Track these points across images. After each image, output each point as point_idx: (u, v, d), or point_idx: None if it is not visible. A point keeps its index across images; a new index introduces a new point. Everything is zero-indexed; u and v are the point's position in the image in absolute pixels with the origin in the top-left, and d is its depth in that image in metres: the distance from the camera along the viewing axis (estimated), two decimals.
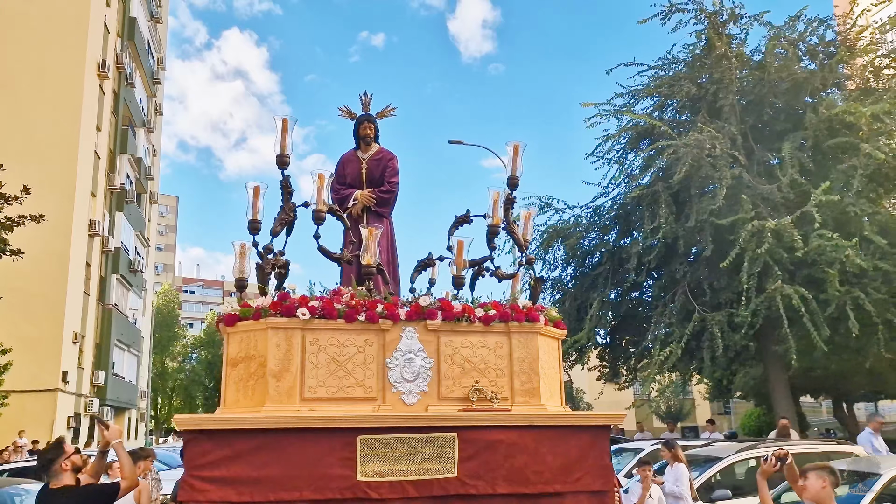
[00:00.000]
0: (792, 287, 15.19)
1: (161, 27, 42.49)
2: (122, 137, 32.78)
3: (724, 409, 39.54)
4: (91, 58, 28.52)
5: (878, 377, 20.25)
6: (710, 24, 18.43)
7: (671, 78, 18.91)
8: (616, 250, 19.00)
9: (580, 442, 5.47)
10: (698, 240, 17.31)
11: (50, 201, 19.34)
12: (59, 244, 25.26)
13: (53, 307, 25.68)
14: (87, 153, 28.08)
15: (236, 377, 5.47)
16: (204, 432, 5.00)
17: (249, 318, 5.43)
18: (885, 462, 9.37)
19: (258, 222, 5.80)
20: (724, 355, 16.61)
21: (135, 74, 34.38)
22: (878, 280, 15.49)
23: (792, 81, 17.42)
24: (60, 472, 5.30)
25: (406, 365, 5.50)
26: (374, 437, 5.13)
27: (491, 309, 5.70)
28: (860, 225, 15.58)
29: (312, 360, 5.37)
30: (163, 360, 57.49)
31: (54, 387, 25.62)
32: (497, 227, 6.22)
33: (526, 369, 5.70)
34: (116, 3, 32.37)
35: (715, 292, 17.30)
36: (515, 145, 6.21)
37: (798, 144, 16.84)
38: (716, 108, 17.72)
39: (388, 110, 7.32)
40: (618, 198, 19.44)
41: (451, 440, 5.22)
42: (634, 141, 19.11)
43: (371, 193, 7.05)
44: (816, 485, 5.11)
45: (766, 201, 16.40)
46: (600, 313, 18.69)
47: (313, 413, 5.19)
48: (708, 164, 16.24)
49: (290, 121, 5.83)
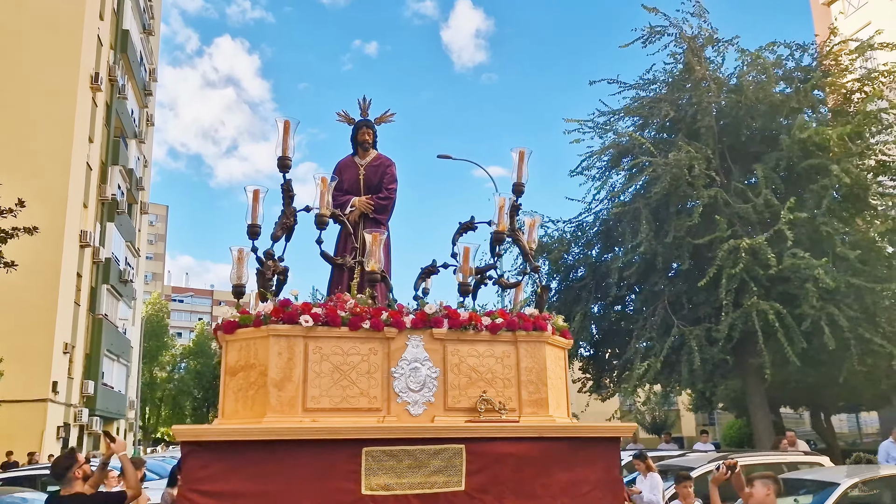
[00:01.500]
0: (767, 303, 15.38)
1: (153, 39, 42.18)
2: (114, 149, 32.40)
3: (710, 421, 39.43)
4: (84, 70, 28.20)
5: (853, 390, 20.34)
6: (688, 47, 18.52)
7: (651, 99, 19.02)
8: (599, 265, 19.07)
9: (589, 455, 5.22)
10: (677, 255, 17.43)
11: (42, 212, 19.01)
12: (51, 255, 24.89)
13: (44, 317, 25.29)
14: (79, 165, 27.74)
15: (235, 386, 5.16)
16: (203, 444, 4.70)
17: (249, 325, 5.14)
18: (843, 472, 9.82)
19: (258, 227, 5.52)
20: (702, 369, 16.67)
21: (127, 86, 34.02)
22: (850, 297, 15.74)
23: (768, 104, 17.56)
24: (73, 479, 5.50)
25: (412, 374, 5.22)
26: (380, 450, 4.85)
27: (498, 317, 5.43)
28: (833, 243, 15.71)
29: (315, 369, 5.07)
30: (151, 370, 56.71)
31: (44, 397, 25.22)
32: (503, 234, 5.95)
33: (534, 379, 5.43)
34: (109, 16, 32.05)
35: (694, 307, 17.49)
36: (521, 151, 5.97)
37: (773, 165, 16.99)
38: (694, 129, 17.86)
39: (386, 115, 7.05)
40: (600, 214, 19.53)
41: (458, 452, 4.95)
42: (616, 159, 19.12)
43: (369, 200, 6.78)
44: (761, 492, 5.40)
45: (742, 220, 16.66)
46: (583, 326, 18.67)
47: (316, 424, 4.90)
48: (686, 183, 16.47)
49: (291, 123, 5.57)
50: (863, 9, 32.96)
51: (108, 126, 31.96)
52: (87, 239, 28.55)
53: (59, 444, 26.49)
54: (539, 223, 6.23)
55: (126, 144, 34.32)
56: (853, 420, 32.38)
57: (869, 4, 32.53)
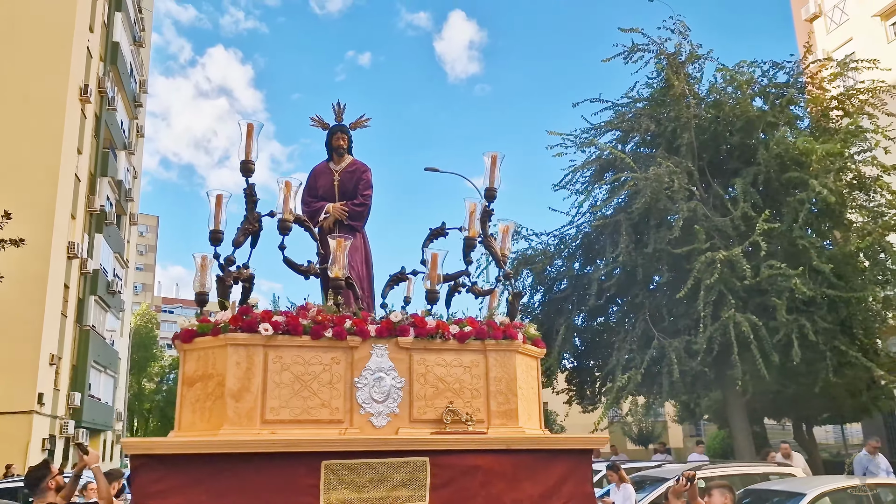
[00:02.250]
0: (743, 315, 15.31)
1: (144, 51, 41.87)
2: (103, 160, 32.05)
3: (696, 432, 39.19)
4: (73, 83, 27.91)
5: (834, 401, 20.45)
6: (668, 64, 18.50)
7: (632, 114, 19.03)
8: (581, 277, 18.95)
9: (561, 467, 4.98)
10: (657, 268, 17.46)
11: (29, 224, 18.80)
12: (38, 266, 24.48)
13: (30, 329, 24.88)
14: (67, 176, 27.41)
15: (192, 397, 4.91)
16: (155, 457, 4.45)
17: (208, 333, 4.90)
18: (810, 483, 10.12)
19: (220, 233, 5.28)
20: (682, 381, 16.63)
21: (117, 98, 33.72)
22: (824, 308, 15.74)
23: (745, 120, 17.56)
24: (47, 490, 5.59)
25: (375, 385, 4.98)
26: (340, 463, 4.61)
27: (466, 325, 5.20)
28: (809, 256, 15.70)
29: (275, 380, 4.83)
30: (140, 382, 56.03)
31: (30, 409, 24.76)
32: (474, 240, 5.72)
33: (503, 389, 5.20)
34: (100, 28, 31.80)
35: (674, 318, 17.43)
36: (493, 155, 5.75)
37: (751, 180, 17.03)
38: (674, 144, 17.86)
39: (362, 121, 6.81)
40: (582, 226, 19.44)
41: (422, 465, 4.71)
42: (599, 173, 19.09)
43: (343, 206, 6.52)
44: (718, 501, 5.51)
45: (721, 233, 16.61)
46: (566, 338, 18.48)
47: (275, 436, 4.65)
48: (666, 197, 16.48)
49: (255, 126, 5.34)
50: (844, 25, 33.03)
51: (97, 137, 31.63)
52: (75, 250, 28.16)
53: (45, 455, 26.02)
54: (513, 229, 6.00)
55: (115, 156, 33.98)
56: (839, 431, 32.23)
57: (850, 21, 32.62)
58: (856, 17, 32.17)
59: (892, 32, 30.54)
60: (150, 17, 44.61)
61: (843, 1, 33.16)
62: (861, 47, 31.65)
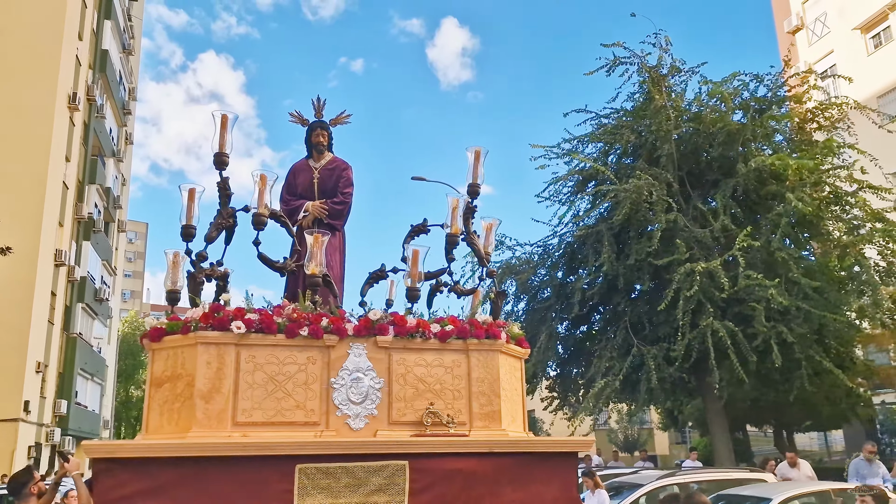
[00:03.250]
0: (721, 323, 15.49)
1: (133, 58, 41.49)
2: (91, 168, 31.66)
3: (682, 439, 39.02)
4: (62, 91, 27.57)
5: (813, 409, 20.78)
6: (650, 77, 18.63)
7: (614, 127, 19.15)
8: (564, 286, 18.99)
9: (544, 471, 4.71)
10: (638, 277, 17.62)
11: (17, 231, 18.63)
12: (25, 274, 24.11)
13: (17, 336, 24.48)
14: (55, 184, 27.04)
15: (161, 399, 4.62)
16: (118, 461, 4.15)
17: (177, 332, 4.62)
18: (777, 488, 10.29)
19: (192, 228, 5.01)
20: (660, 387, 16.81)
21: (105, 106, 33.36)
22: (800, 318, 15.86)
23: (725, 133, 17.67)
24: (29, 495, 5.68)
25: (353, 385, 4.71)
26: (315, 467, 4.33)
27: (448, 324, 4.94)
28: (787, 268, 15.88)
29: (247, 380, 4.55)
30: (127, 389, 55.12)
31: (16, 416, 24.36)
32: (456, 236, 5.46)
33: (486, 391, 4.93)
34: (89, 36, 31.46)
35: (654, 327, 17.51)
36: (477, 150, 5.48)
37: (730, 192, 17.22)
38: (655, 156, 17.96)
39: (342, 117, 6.50)
40: (565, 237, 19.54)
41: (401, 469, 4.44)
42: (581, 184, 19.23)
43: (323, 205, 6.23)
44: None
45: (700, 244, 16.78)
46: (549, 345, 18.55)
47: (246, 439, 4.37)
48: (645, 208, 16.66)
49: (230, 117, 5.08)
50: (825, 38, 33.14)
51: (85, 145, 31.26)
52: (62, 258, 27.75)
53: (31, 463, 25.58)
54: (496, 226, 5.73)
55: (104, 163, 33.57)
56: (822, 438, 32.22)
57: (831, 34, 32.72)
58: (837, 29, 32.29)
59: (871, 45, 30.66)
60: (139, 24, 44.21)
61: (824, 14, 33.27)
62: (842, 60, 31.77)
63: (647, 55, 18.85)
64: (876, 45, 30.60)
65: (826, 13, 33.18)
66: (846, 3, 31.76)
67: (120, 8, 35.79)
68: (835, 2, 32.52)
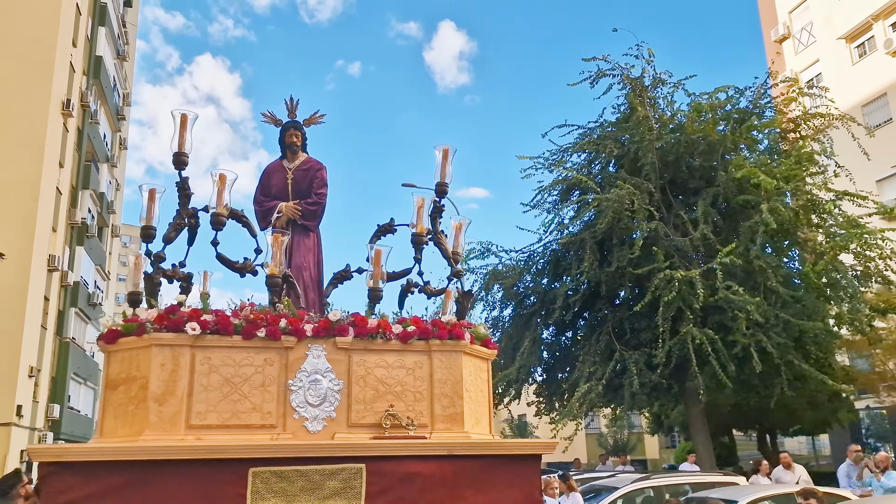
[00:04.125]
0: (701, 331, 15.63)
1: (128, 64, 41.28)
2: (85, 173, 31.40)
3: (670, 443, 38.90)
4: (56, 97, 27.37)
5: (794, 413, 20.95)
6: (632, 89, 18.81)
7: (598, 137, 19.31)
8: (548, 292, 19.03)
9: (507, 474, 4.57)
10: (620, 284, 17.84)
11: (10, 237, 18.48)
12: (18, 279, 23.85)
13: (10, 341, 24.19)
14: (48, 189, 26.82)
15: (115, 401, 4.49)
16: (66, 465, 4.01)
17: (133, 334, 4.47)
18: (743, 491, 10.55)
19: (153, 229, 4.89)
20: (642, 392, 16.94)
21: (99, 111, 33.12)
22: (779, 326, 16.03)
23: (707, 143, 17.87)
24: (16, 497, 5.87)
25: (311, 387, 4.57)
26: (270, 470, 4.19)
27: (410, 325, 4.80)
28: (765, 276, 16.03)
29: (202, 382, 4.41)
30: None
31: (8, 421, 24.10)
32: (422, 236, 5.32)
33: (448, 392, 4.79)
34: (83, 42, 31.25)
35: (636, 333, 17.69)
36: (445, 149, 5.36)
37: (711, 201, 17.41)
38: (637, 165, 18.12)
39: (315, 117, 6.34)
40: (550, 244, 19.65)
41: (357, 472, 4.29)
42: (566, 193, 19.35)
43: (296, 206, 6.08)
44: None
45: (681, 252, 16.92)
46: (533, 350, 18.56)
47: (199, 442, 4.23)
48: (627, 217, 16.78)
49: (189, 116, 4.95)
50: (811, 47, 33.12)
51: (79, 150, 31.02)
52: (56, 263, 27.51)
53: (23, 468, 25.33)
54: (466, 225, 5.59)
55: (97, 168, 33.35)
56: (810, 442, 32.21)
57: (817, 43, 32.71)
58: (822, 39, 32.28)
59: (856, 55, 30.64)
60: (133, 30, 43.98)
61: (810, 23, 33.26)
62: (827, 69, 31.77)
63: (630, 67, 19.06)
64: (860, 54, 30.58)
65: (812, 22, 33.16)
66: (831, 13, 31.75)
67: (114, 14, 35.63)
68: (820, 11, 32.50)
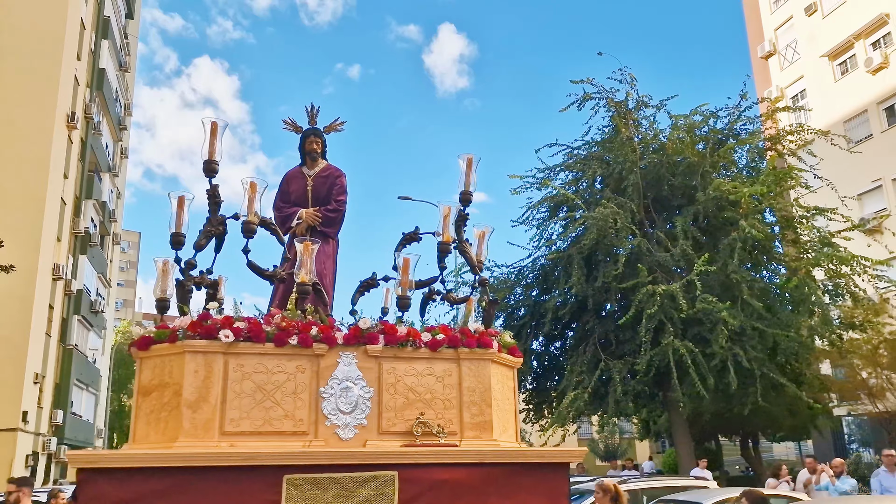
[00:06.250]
0: (682, 342, 16.00)
1: (129, 75, 41.11)
2: (88, 183, 31.20)
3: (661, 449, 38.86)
4: (61, 110, 27.23)
5: (774, 420, 21.32)
6: (616, 111, 19.23)
7: (584, 157, 19.82)
8: (538, 305, 19.41)
9: (534, 482, 4.47)
10: (605, 298, 18.33)
11: (17, 248, 18.36)
12: (24, 289, 23.67)
13: (16, 349, 24.06)
14: (53, 201, 26.67)
15: (148, 408, 4.37)
16: (102, 471, 3.89)
17: (165, 340, 4.36)
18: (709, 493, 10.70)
19: (182, 236, 4.76)
20: (626, 399, 17.43)
21: (102, 122, 32.92)
22: (754, 338, 16.42)
23: (686, 164, 18.33)
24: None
25: (342, 395, 4.46)
26: (303, 477, 4.08)
27: (439, 333, 4.70)
28: (741, 290, 16.45)
29: (235, 389, 4.30)
30: (120, 399, 54.06)
31: (14, 426, 23.95)
32: (448, 244, 5.23)
33: (477, 400, 4.68)
34: (86, 55, 31.09)
35: (621, 343, 18.10)
36: (468, 158, 5.26)
37: (691, 218, 17.94)
38: (621, 185, 18.54)
39: (336, 124, 6.26)
40: (538, 260, 20.06)
41: (390, 480, 4.19)
42: (553, 210, 19.80)
43: (316, 212, 5.97)
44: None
45: (662, 267, 17.45)
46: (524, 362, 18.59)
47: (233, 449, 4.12)
48: (611, 234, 17.22)
49: (219, 124, 4.85)
50: (796, 64, 33.29)
51: (82, 161, 30.82)
52: (60, 272, 27.33)
53: (28, 472, 25.14)
54: (489, 233, 5.50)
55: (100, 178, 33.13)
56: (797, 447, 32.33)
57: (801, 60, 32.87)
58: (806, 56, 32.45)
59: (839, 72, 30.81)
60: (135, 41, 43.77)
61: (795, 41, 33.44)
62: (811, 85, 31.94)
63: (615, 91, 19.49)
64: (843, 71, 30.75)
65: (797, 40, 33.33)
66: (815, 31, 31.93)
67: (116, 27, 35.50)
68: (805, 29, 32.69)
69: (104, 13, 33.08)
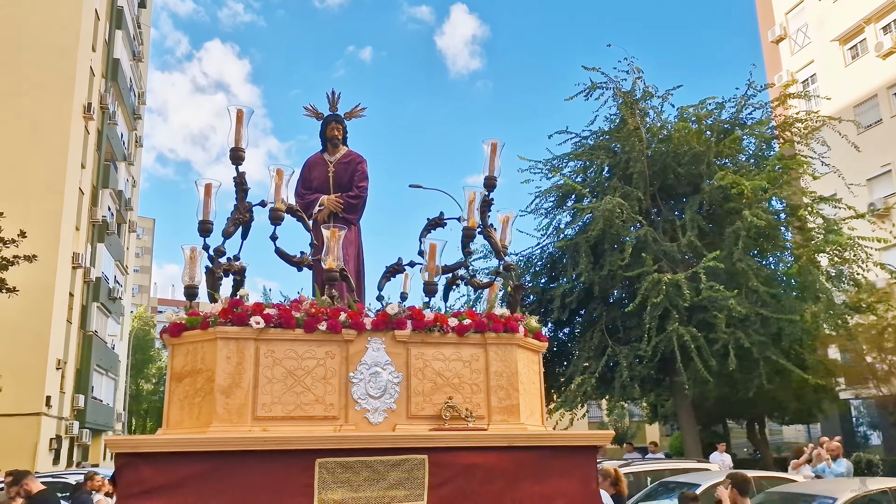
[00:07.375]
0: (686, 329, 16.19)
1: (142, 64, 41.16)
2: (105, 173, 31.39)
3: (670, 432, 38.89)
4: (77, 101, 27.38)
5: (780, 404, 21.57)
6: (623, 101, 19.20)
7: (591, 147, 19.82)
8: (546, 292, 19.58)
9: (564, 465, 4.46)
10: (612, 286, 18.57)
11: (38, 238, 18.68)
12: (46, 278, 23.93)
13: (38, 336, 24.46)
14: (72, 191, 26.88)
15: (181, 393, 4.37)
16: (141, 456, 3.90)
17: (197, 327, 4.36)
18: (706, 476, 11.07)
19: (209, 223, 4.74)
20: (632, 384, 17.52)
21: (117, 112, 33.03)
22: (757, 324, 16.59)
23: (692, 153, 18.27)
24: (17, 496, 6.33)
25: (372, 380, 4.45)
26: (335, 461, 4.08)
27: (466, 318, 4.68)
28: (747, 277, 16.57)
29: (267, 375, 4.29)
30: (138, 383, 54.47)
31: (38, 411, 24.39)
32: (473, 230, 5.18)
33: (504, 384, 4.66)
34: (101, 46, 31.16)
35: (627, 330, 18.31)
36: (493, 143, 5.21)
37: (696, 207, 18.02)
38: (628, 174, 18.65)
39: (357, 110, 6.20)
40: (546, 248, 20.16)
41: (420, 463, 4.19)
42: (561, 199, 19.91)
43: (338, 198, 5.93)
44: None
45: (668, 256, 17.56)
46: None
47: (266, 434, 4.12)
48: (618, 224, 17.30)
49: (245, 112, 4.82)
50: (806, 48, 32.96)
51: (99, 151, 30.98)
52: (79, 261, 27.61)
53: (52, 455, 25.61)
54: (513, 218, 5.47)
55: (116, 167, 33.28)
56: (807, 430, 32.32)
57: (812, 44, 32.54)
58: (817, 40, 32.10)
59: (849, 56, 30.48)
60: (147, 31, 43.80)
61: (805, 25, 33.08)
62: (821, 70, 31.61)
63: (622, 80, 19.47)
64: (853, 56, 30.42)
65: (807, 24, 32.97)
66: (825, 16, 31.57)
67: (130, 17, 35.50)
68: (815, 13, 32.32)
69: (118, 3, 33.08)
